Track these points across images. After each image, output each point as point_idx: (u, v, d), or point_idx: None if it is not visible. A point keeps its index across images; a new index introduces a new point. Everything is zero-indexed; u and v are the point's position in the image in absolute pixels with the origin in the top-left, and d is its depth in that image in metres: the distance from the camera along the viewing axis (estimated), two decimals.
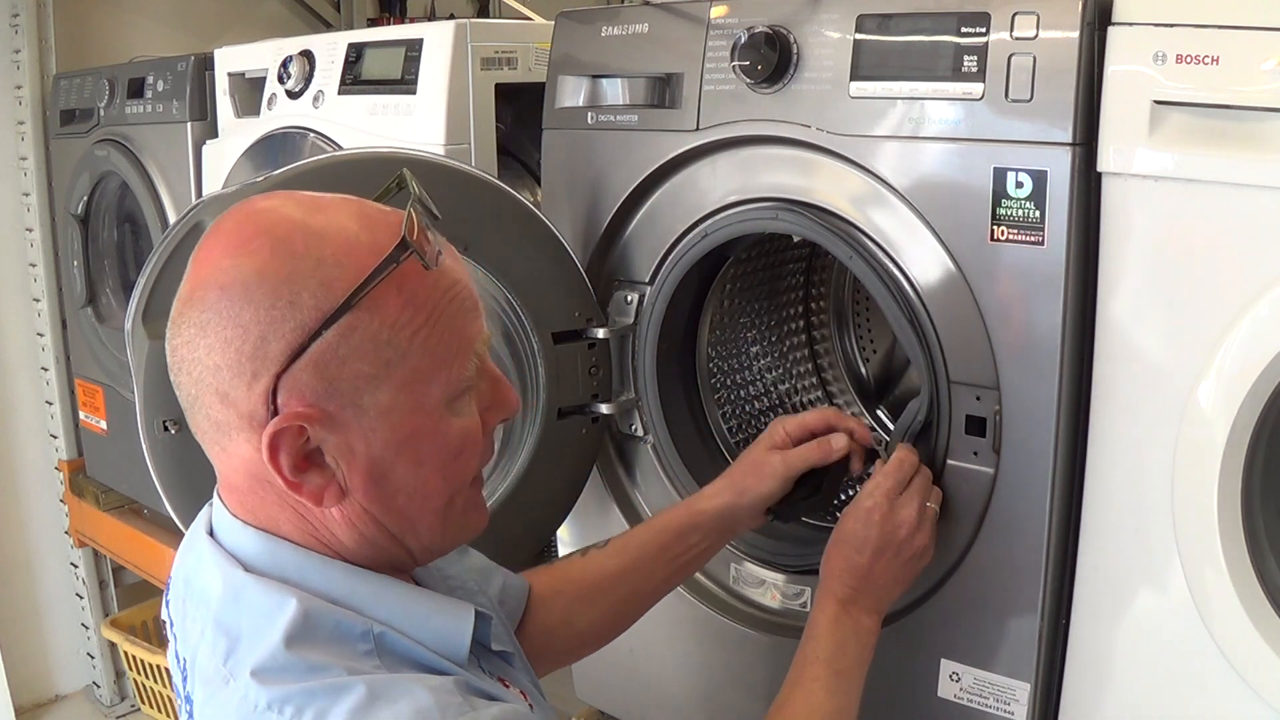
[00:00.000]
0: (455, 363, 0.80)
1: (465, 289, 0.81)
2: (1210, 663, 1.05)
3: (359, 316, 0.75)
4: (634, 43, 1.40)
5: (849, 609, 1.13)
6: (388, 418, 0.78)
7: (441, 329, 0.78)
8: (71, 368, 2.73)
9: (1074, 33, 1.07)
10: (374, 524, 0.82)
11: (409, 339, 0.77)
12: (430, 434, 0.80)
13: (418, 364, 0.77)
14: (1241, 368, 1.00)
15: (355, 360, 0.75)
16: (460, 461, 0.83)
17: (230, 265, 0.75)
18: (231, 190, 1.26)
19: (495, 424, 0.87)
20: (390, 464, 0.79)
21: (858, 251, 1.24)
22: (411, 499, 0.81)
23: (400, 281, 0.76)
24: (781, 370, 1.73)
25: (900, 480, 1.17)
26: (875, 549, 1.13)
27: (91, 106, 2.46)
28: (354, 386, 0.76)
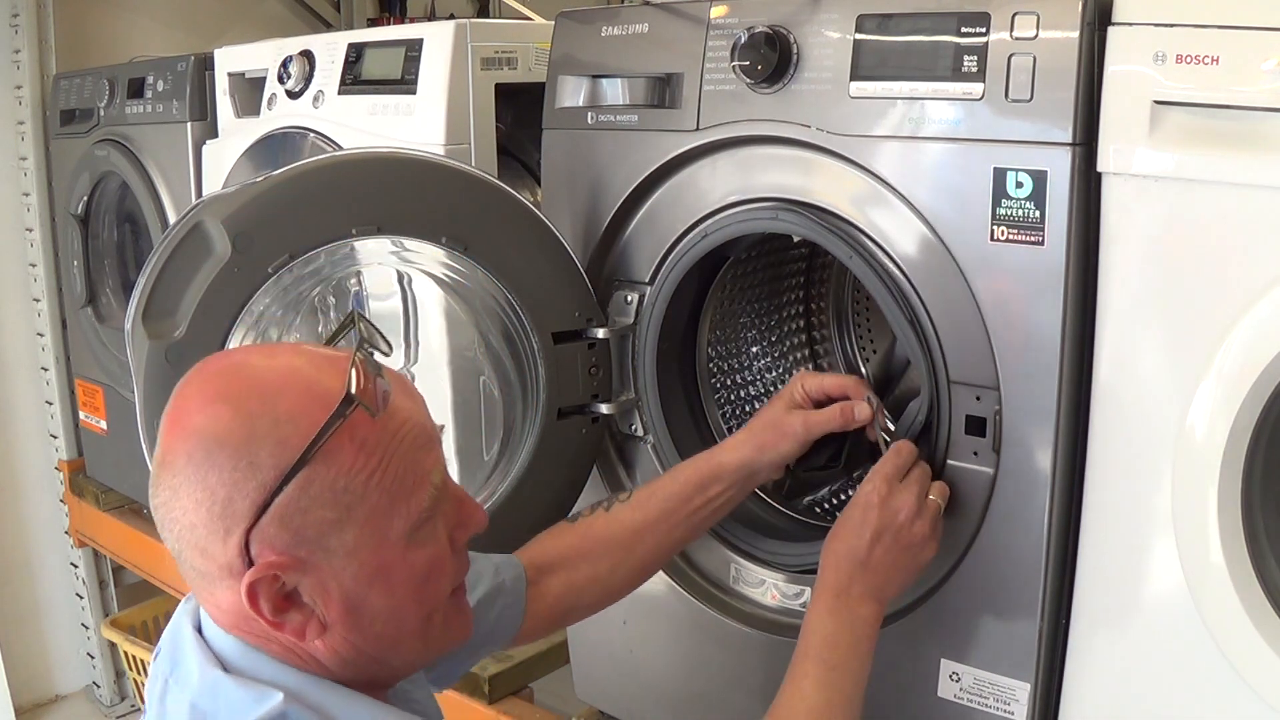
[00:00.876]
0: (412, 497, 0.85)
1: (415, 425, 0.86)
2: (1210, 663, 1.05)
3: (315, 469, 0.80)
4: (634, 43, 1.40)
5: (844, 599, 1.12)
6: (355, 556, 0.83)
7: (395, 467, 0.84)
8: (71, 368, 2.73)
9: (1074, 33, 1.07)
10: (356, 650, 0.87)
11: (364, 482, 0.82)
12: (397, 565, 0.85)
13: (376, 503, 0.83)
14: (1241, 368, 1.00)
15: (316, 508, 0.81)
16: (431, 585, 0.88)
17: (194, 430, 0.81)
18: (231, 190, 1.26)
19: (465, 540, 0.92)
20: (363, 597, 0.84)
21: (858, 251, 1.24)
22: (388, 624, 0.87)
23: (351, 431, 0.82)
24: (781, 370, 1.73)
25: (899, 467, 1.17)
26: (874, 533, 1.12)
27: (91, 106, 2.46)
28: (319, 532, 0.82)
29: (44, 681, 2.84)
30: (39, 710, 2.81)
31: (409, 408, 0.87)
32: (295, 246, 1.24)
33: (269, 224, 1.22)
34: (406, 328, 1.49)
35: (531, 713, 1.76)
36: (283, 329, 1.36)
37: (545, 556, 1.22)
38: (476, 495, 1.42)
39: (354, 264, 1.38)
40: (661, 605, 1.51)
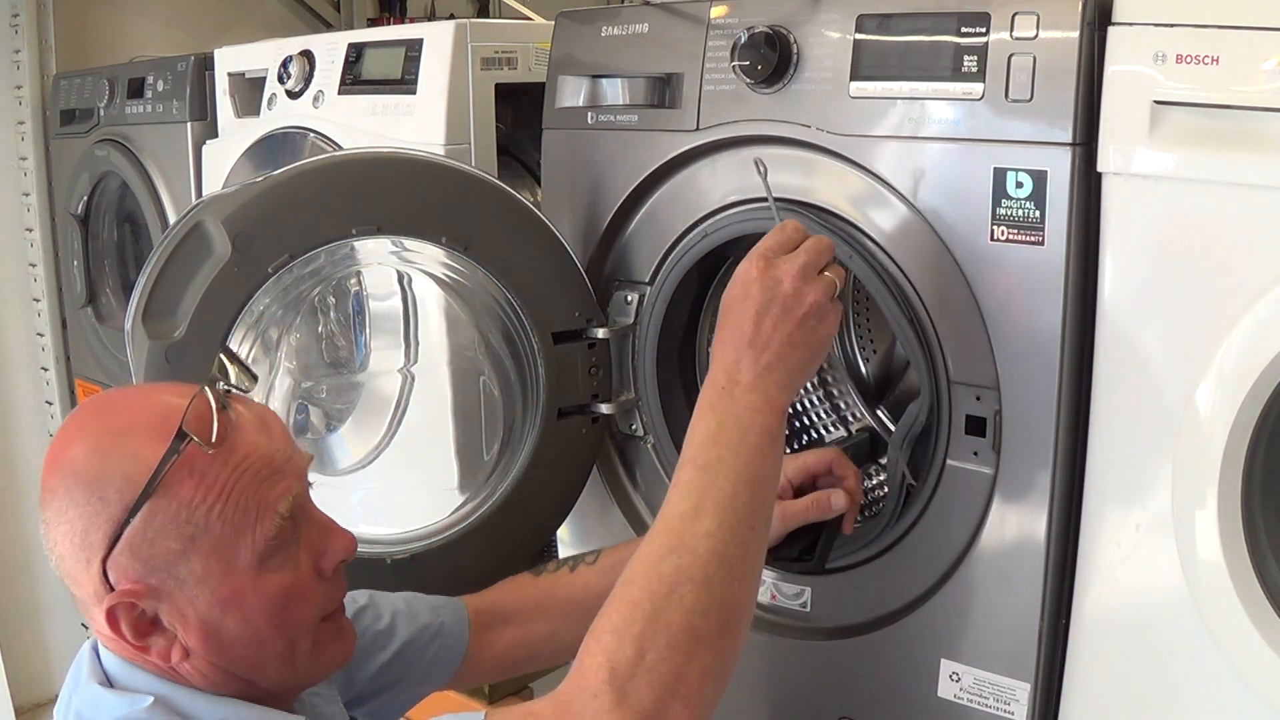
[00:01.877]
0: (257, 527, 0.89)
1: (259, 458, 0.90)
2: (1210, 663, 1.05)
3: (158, 503, 0.86)
4: (634, 43, 1.40)
5: (728, 391, 1.00)
6: (204, 584, 0.88)
7: (237, 499, 0.88)
8: (71, 368, 2.73)
9: (1074, 33, 1.07)
10: (222, 672, 0.92)
11: (205, 514, 0.87)
12: (249, 593, 0.89)
13: (220, 533, 0.88)
14: (1241, 368, 1.00)
15: (162, 539, 0.86)
16: (290, 611, 0.92)
17: (60, 467, 0.88)
18: (231, 190, 1.26)
19: (332, 567, 0.95)
20: (219, 623, 0.89)
21: (858, 251, 1.24)
22: (249, 649, 0.91)
23: (190, 465, 0.87)
24: None
25: (781, 242, 1.05)
26: (756, 308, 1.00)
27: (91, 106, 2.46)
28: (167, 561, 0.87)
29: (44, 681, 2.84)
30: (39, 710, 2.81)
31: (254, 442, 0.91)
32: (295, 246, 1.24)
33: (269, 224, 1.22)
34: (406, 328, 1.49)
35: None
36: (283, 329, 1.36)
37: (502, 605, 1.23)
38: (476, 495, 1.42)
39: (354, 264, 1.39)
40: None
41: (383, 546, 1.35)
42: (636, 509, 1.54)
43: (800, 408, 1.75)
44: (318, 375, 1.48)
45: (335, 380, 1.50)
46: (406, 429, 1.51)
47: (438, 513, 1.41)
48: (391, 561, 1.33)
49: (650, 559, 0.91)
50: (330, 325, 1.47)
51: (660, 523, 0.94)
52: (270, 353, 1.36)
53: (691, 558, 0.90)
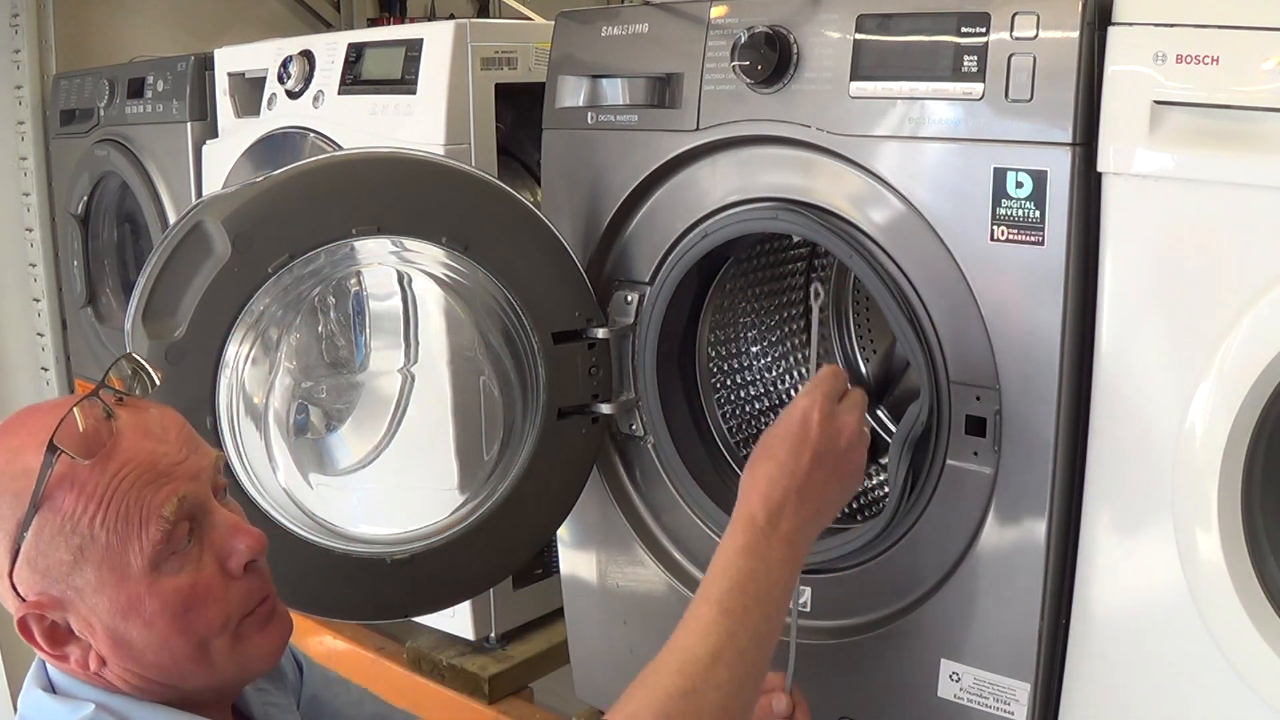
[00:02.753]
0: (144, 532, 0.88)
1: (140, 464, 0.89)
2: (1210, 663, 1.05)
3: (45, 516, 0.87)
4: (634, 43, 1.40)
5: (767, 535, 0.98)
6: (101, 593, 0.88)
7: (117, 507, 0.88)
8: (71, 368, 2.73)
9: (1074, 33, 1.07)
10: (140, 677, 0.92)
11: (89, 524, 0.87)
12: (146, 598, 0.89)
13: (106, 542, 0.88)
14: (1241, 368, 1.00)
15: (53, 552, 0.87)
16: (193, 615, 0.91)
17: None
18: (231, 190, 1.26)
19: (240, 566, 0.94)
20: (124, 630, 0.89)
21: (858, 251, 1.24)
22: (159, 654, 0.91)
23: (70, 477, 0.87)
24: (782, 370, 1.73)
25: (837, 388, 1.05)
26: (814, 454, 1.00)
27: (91, 106, 2.46)
28: (62, 573, 0.88)
29: None
30: None
31: (134, 448, 0.90)
32: (295, 246, 1.24)
33: (269, 224, 1.22)
34: (406, 328, 1.49)
35: (531, 713, 1.76)
36: (283, 329, 1.36)
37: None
38: (476, 495, 1.42)
39: (354, 264, 1.39)
40: (661, 605, 1.51)
41: (383, 546, 1.35)
42: (636, 509, 1.54)
43: None
44: (318, 375, 1.48)
45: (335, 380, 1.50)
46: (406, 429, 1.51)
47: (438, 513, 1.41)
48: (391, 561, 1.33)
49: (659, 696, 0.91)
50: (330, 325, 1.47)
51: (675, 656, 0.94)
52: (270, 353, 1.36)
53: (699, 706, 0.91)
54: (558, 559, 1.64)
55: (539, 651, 1.83)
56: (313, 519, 1.33)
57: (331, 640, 1.93)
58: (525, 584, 1.84)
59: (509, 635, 1.85)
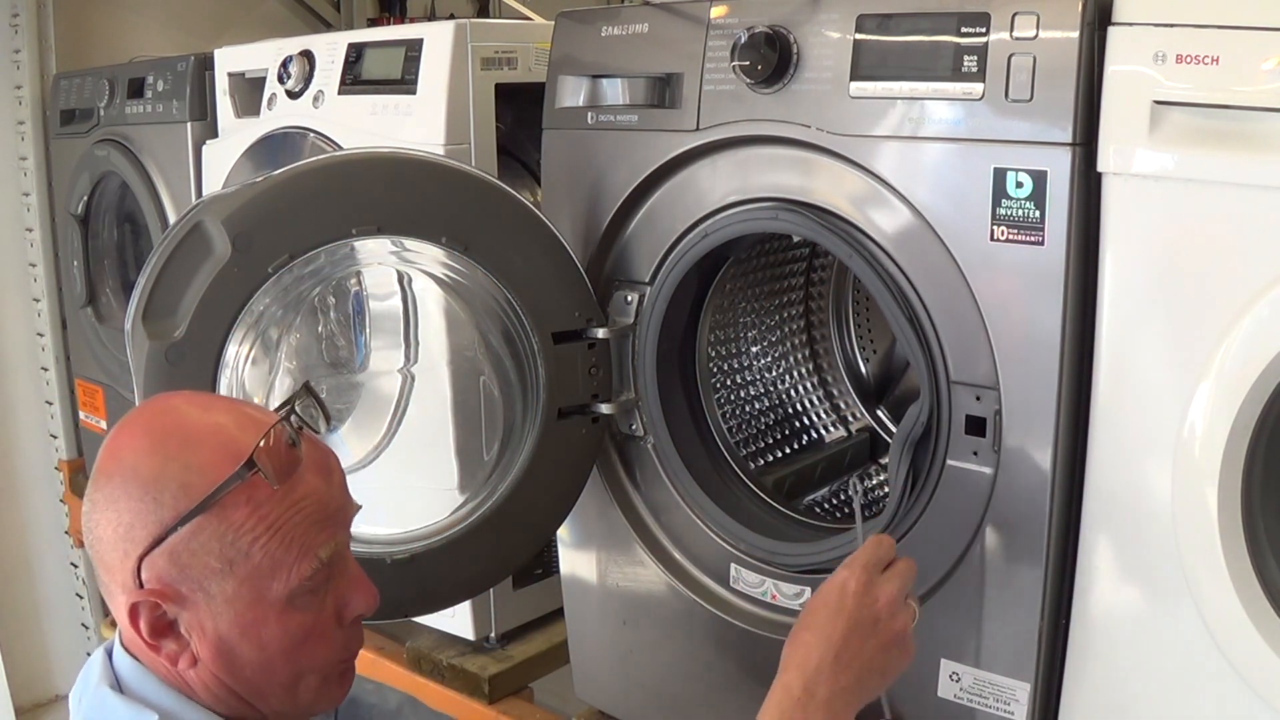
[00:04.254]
0: (296, 566, 0.91)
1: (315, 503, 0.93)
2: (1210, 663, 1.05)
3: (209, 519, 0.88)
4: (634, 43, 1.40)
5: (803, 705, 0.97)
6: (231, 605, 0.90)
7: (283, 536, 0.90)
8: (71, 368, 2.73)
9: (1074, 33, 1.07)
10: (224, 687, 0.94)
11: (250, 542, 0.89)
12: (272, 624, 0.92)
13: (259, 563, 0.90)
14: (1241, 368, 1.00)
15: (203, 554, 0.89)
16: (306, 649, 0.94)
17: (120, 458, 0.91)
18: (231, 190, 1.26)
19: (353, 618, 0.98)
20: (235, 643, 0.92)
21: (858, 251, 1.24)
22: (258, 674, 0.93)
23: (250, 492, 0.89)
24: (782, 370, 1.73)
25: (879, 557, 1.05)
26: (850, 623, 0.99)
27: (91, 106, 2.46)
28: (202, 575, 0.89)
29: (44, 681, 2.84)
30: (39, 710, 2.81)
31: (315, 485, 0.94)
32: (295, 246, 1.24)
33: (269, 224, 1.22)
34: (406, 328, 1.49)
35: (531, 713, 1.76)
36: (283, 329, 1.36)
37: None
38: (476, 495, 1.43)
39: (354, 264, 1.39)
40: (661, 605, 1.51)
41: (383, 546, 1.35)
42: (636, 509, 1.54)
43: (800, 408, 1.75)
44: (318, 375, 1.48)
45: (335, 380, 1.50)
46: (406, 429, 1.51)
47: (438, 513, 1.41)
48: (391, 561, 1.33)
49: None
50: (330, 325, 1.47)
51: None
52: (270, 353, 1.36)
53: None
54: (558, 559, 1.64)
55: (539, 651, 1.83)
56: None
57: None
58: (525, 584, 1.84)
59: (509, 635, 1.85)
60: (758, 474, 1.57)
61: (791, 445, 1.71)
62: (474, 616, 1.80)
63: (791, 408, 1.72)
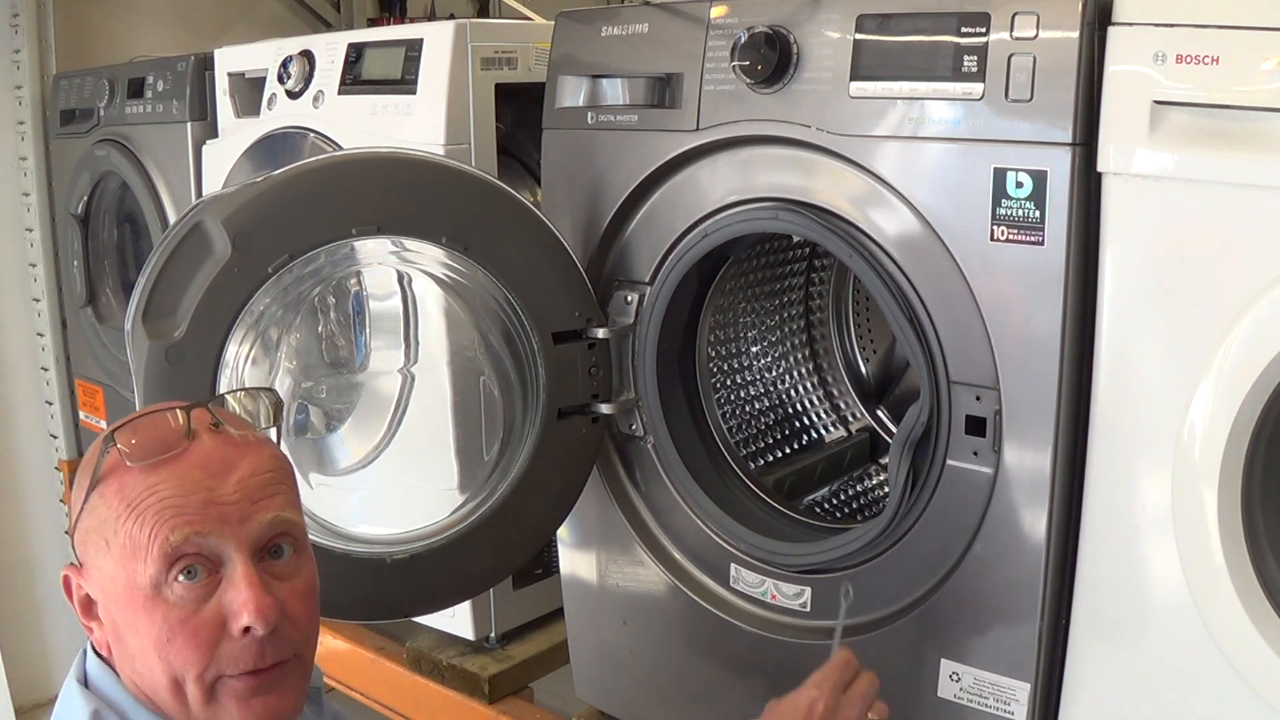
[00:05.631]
0: (149, 550, 0.90)
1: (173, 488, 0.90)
2: (1210, 663, 1.05)
3: (96, 496, 0.93)
4: (634, 43, 1.40)
5: None
6: (113, 583, 0.92)
7: (139, 518, 0.90)
8: (71, 368, 2.73)
9: (1074, 33, 1.07)
10: (131, 682, 0.95)
11: (116, 520, 0.91)
12: (142, 610, 0.91)
13: (124, 544, 0.91)
14: (1241, 368, 1.00)
15: (93, 532, 0.93)
16: (174, 648, 0.91)
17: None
18: (231, 190, 1.26)
19: (239, 629, 0.91)
20: (121, 628, 0.93)
21: (858, 251, 1.24)
22: (143, 666, 0.93)
23: (117, 473, 0.92)
24: (782, 370, 1.73)
25: (845, 678, 1.09)
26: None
27: (91, 106, 2.46)
28: (94, 552, 0.93)
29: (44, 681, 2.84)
30: (39, 710, 2.81)
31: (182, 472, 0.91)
32: (295, 246, 1.24)
33: (269, 224, 1.22)
34: (406, 328, 1.49)
35: (531, 713, 1.76)
36: (283, 329, 1.36)
37: None
38: (476, 495, 1.42)
39: (354, 264, 1.39)
40: (661, 605, 1.51)
41: (383, 546, 1.35)
42: (636, 509, 1.54)
43: (800, 408, 1.75)
44: (318, 375, 1.48)
45: (335, 380, 1.50)
46: (406, 429, 1.51)
47: (438, 513, 1.41)
48: (391, 561, 1.33)
49: None
50: (330, 325, 1.47)
51: None
52: (270, 353, 1.36)
53: None
54: (558, 559, 1.64)
55: (539, 651, 1.83)
56: (313, 519, 1.33)
57: (331, 640, 1.93)
58: (525, 584, 1.84)
59: (509, 635, 1.85)
60: (758, 474, 1.57)
61: (791, 445, 1.71)
62: (474, 616, 1.80)
63: (791, 408, 1.72)
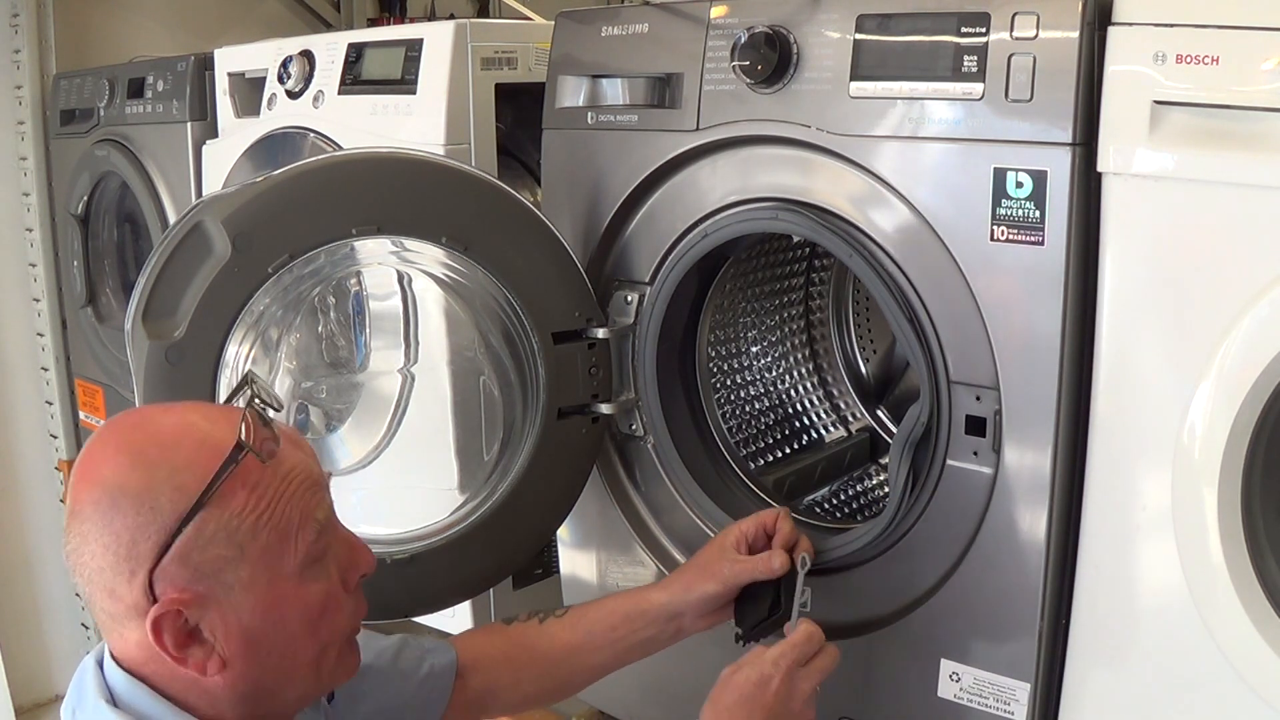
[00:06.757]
0: (300, 534, 0.93)
1: (303, 470, 0.94)
2: (1210, 663, 1.05)
3: (210, 512, 0.88)
4: (634, 43, 1.40)
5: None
6: (251, 590, 0.91)
7: (283, 508, 0.92)
8: (71, 368, 2.73)
9: (1074, 33, 1.07)
10: (252, 684, 0.94)
11: (255, 521, 0.90)
12: (292, 599, 0.93)
13: (267, 540, 0.91)
14: (1241, 368, 1.00)
15: (213, 547, 0.89)
16: (326, 621, 0.96)
17: (99, 481, 0.89)
18: (231, 190, 1.26)
19: (357, 581, 1.00)
20: (260, 630, 0.92)
21: (858, 251, 1.24)
22: (284, 658, 0.94)
23: (243, 476, 0.90)
24: (782, 370, 1.73)
25: (805, 654, 1.13)
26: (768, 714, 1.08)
27: (91, 106, 2.46)
28: (216, 568, 0.89)
29: (44, 681, 2.84)
30: (39, 710, 2.81)
31: (297, 456, 0.95)
32: (295, 246, 1.24)
33: (269, 224, 1.22)
34: (406, 328, 1.49)
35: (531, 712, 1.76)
36: (283, 329, 1.36)
37: (473, 653, 1.26)
38: (476, 495, 1.43)
39: (354, 264, 1.39)
40: None
41: (383, 546, 1.34)
42: (636, 509, 1.54)
43: (800, 408, 1.75)
44: (318, 375, 1.48)
45: (335, 380, 1.50)
46: (406, 429, 1.51)
47: (438, 513, 1.41)
48: (391, 561, 1.33)
49: None
50: (330, 325, 1.47)
51: None
52: (270, 353, 1.36)
53: None
54: (558, 559, 1.64)
55: None
56: None
57: None
58: (525, 584, 1.84)
59: None
60: (758, 474, 1.57)
61: (791, 445, 1.71)
62: (474, 616, 1.80)
63: (791, 408, 1.72)
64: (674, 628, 1.26)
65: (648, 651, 1.28)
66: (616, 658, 1.27)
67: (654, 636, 1.26)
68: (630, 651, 1.27)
